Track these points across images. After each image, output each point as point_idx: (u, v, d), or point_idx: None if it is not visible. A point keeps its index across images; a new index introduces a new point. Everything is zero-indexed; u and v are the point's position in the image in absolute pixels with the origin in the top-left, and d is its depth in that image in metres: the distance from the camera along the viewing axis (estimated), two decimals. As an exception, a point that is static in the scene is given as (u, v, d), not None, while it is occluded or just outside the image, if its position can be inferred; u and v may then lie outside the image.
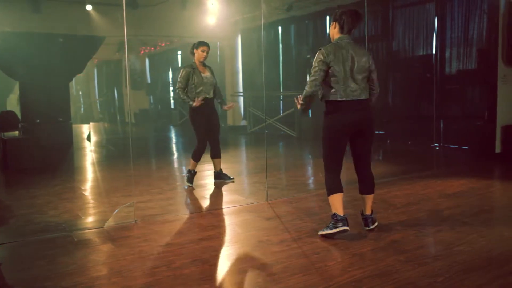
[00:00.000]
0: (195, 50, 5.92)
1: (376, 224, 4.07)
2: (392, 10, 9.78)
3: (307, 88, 3.83)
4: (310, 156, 9.24)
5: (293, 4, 11.34)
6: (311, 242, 3.79)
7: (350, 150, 4.05)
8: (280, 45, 12.77)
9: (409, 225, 4.17)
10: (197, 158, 6.08)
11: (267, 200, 5.26)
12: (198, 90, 5.85)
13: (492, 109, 7.55)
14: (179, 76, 5.89)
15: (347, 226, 3.81)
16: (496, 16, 7.48)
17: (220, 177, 6.30)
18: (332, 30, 3.97)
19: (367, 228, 4.03)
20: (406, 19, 9.57)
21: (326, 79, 3.82)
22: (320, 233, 3.91)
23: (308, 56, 11.85)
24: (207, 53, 5.89)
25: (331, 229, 3.84)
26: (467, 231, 3.95)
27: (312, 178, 6.98)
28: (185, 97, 5.84)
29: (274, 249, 3.66)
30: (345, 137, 3.89)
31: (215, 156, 6.22)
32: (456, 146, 8.78)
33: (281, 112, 12.38)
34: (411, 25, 9.46)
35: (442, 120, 9.00)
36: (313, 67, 3.83)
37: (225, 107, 6.19)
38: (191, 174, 6.13)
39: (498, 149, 7.50)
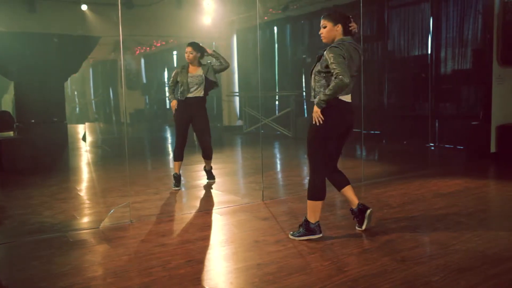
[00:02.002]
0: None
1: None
2: (387, 10, 9.80)
3: (345, 79, 3.51)
4: (305, 156, 9.24)
5: (288, 4, 11.35)
6: (307, 242, 3.79)
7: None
8: (276, 45, 12.78)
9: (405, 224, 4.18)
10: (174, 157, 6.02)
11: (263, 200, 5.27)
12: (181, 89, 5.87)
13: (487, 109, 7.58)
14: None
15: (321, 233, 3.85)
16: (490, 16, 7.51)
17: (206, 173, 6.34)
18: (334, 31, 3.82)
19: (369, 211, 3.94)
20: (401, 19, 9.59)
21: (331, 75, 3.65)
22: (291, 236, 3.89)
23: (304, 56, 11.85)
24: (190, 53, 5.83)
25: (303, 235, 3.84)
26: (462, 231, 3.96)
27: (308, 178, 6.98)
28: (170, 94, 6.00)
29: (270, 249, 3.66)
30: (338, 137, 3.87)
31: (205, 157, 6.17)
32: (451, 146, 8.81)
33: (276, 112, 12.39)
34: (406, 25, 9.48)
35: (437, 120, 9.03)
36: (337, 60, 3.56)
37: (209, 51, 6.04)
38: (174, 178, 6.02)
39: (493, 149, 7.53)
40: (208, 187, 6.11)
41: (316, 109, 3.66)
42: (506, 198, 5.23)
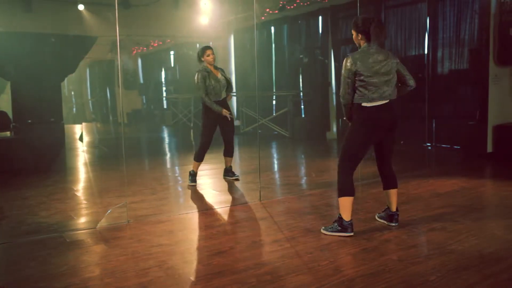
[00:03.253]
0: (203, 58, 6.04)
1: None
2: (384, 10, 9.82)
3: (341, 99, 3.96)
4: (303, 156, 9.25)
5: (285, 4, 11.35)
6: (304, 242, 3.80)
7: (375, 148, 4.14)
8: (273, 45, 12.77)
9: (402, 224, 4.19)
10: (199, 158, 6.18)
11: (260, 200, 5.27)
12: (211, 93, 5.97)
13: (483, 109, 7.60)
14: (196, 81, 5.98)
15: (352, 231, 3.91)
16: (487, 16, 7.52)
17: (227, 174, 6.46)
18: (358, 39, 3.98)
19: (393, 224, 4.15)
20: (398, 19, 9.60)
21: (359, 85, 3.85)
22: (323, 231, 3.99)
23: (301, 56, 11.86)
24: (213, 54, 6.04)
25: (334, 231, 3.93)
26: (458, 230, 3.98)
27: (305, 178, 6.99)
28: (213, 104, 5.97)
29: (267, 249, 3.67)
30: (374, 140, 4.01)
31: (228, 155, 6.40)
32: (448, 146, 8.82)
33: (274, 112, 12.38)
34: (403, 25, 9.50)
35: (434, 119, 9.04)
36: (342, 76, 3.89)
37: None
38: (192, 175, 6.21)
39: (489, 149, 7.55)
40: (205, 187, 6.11)
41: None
42: (502, 198, 5.24)
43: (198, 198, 5.67)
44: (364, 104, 3.86)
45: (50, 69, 10.11)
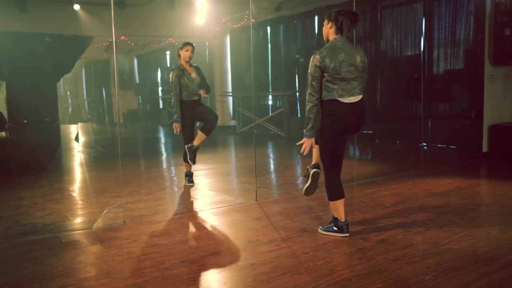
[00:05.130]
0: (180, 52, 5.88)
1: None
2: (380, 10, 9.84)
3: (307, 103, 3.72)
4: (299, 156, 9.26)
5: (282, 4, 11.36)
6: (300, 241, 3.80)
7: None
8: (269, 45, 12.78)
9: (397, 224, 4.20)
10: (186, 159, 6.07)
11: (256, 200, 5.27)
12: (185, 92, 5.80)
13: (479, 109, 7.62)
14: (170, 79, 5.79)
15: (348, 232, 3.90)
16: (482, 17, 7.55)
17: (188, 175, 6.10)
18: (327, 29, 3.85)
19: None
20: (394, 20, 9.63)
21: (325, 81, 3.72)
22: (320, 230, 4.01)
23: (297, 56, 11.87)
24: (191, 52, 5.83)
25: (331, 231, 3.94)
26: (454, 230, 3.99)
27: (301, 178, 6.99)
28: (177, 107, 5.77)
29: (263, 249, 3.67)
30: (344, 137, 3.89)
31: (207, 131, 5.91)
32: (444, 146, 8.85)
33: (270, 112, 12.39)
34: (399, 26, 9.52)
35: (430, 119, 9.06)
36: (309, 74, 3.72)
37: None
38: (188, 176, 6.12)
39: (485, 148, 7.58)
40: (202, 188, 6.10)
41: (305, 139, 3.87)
42: (497, 197, 5.26)
43: (194, 198, 5.66)
44: (335, 98, 3.71)
45: (46, 69, 10.08)
